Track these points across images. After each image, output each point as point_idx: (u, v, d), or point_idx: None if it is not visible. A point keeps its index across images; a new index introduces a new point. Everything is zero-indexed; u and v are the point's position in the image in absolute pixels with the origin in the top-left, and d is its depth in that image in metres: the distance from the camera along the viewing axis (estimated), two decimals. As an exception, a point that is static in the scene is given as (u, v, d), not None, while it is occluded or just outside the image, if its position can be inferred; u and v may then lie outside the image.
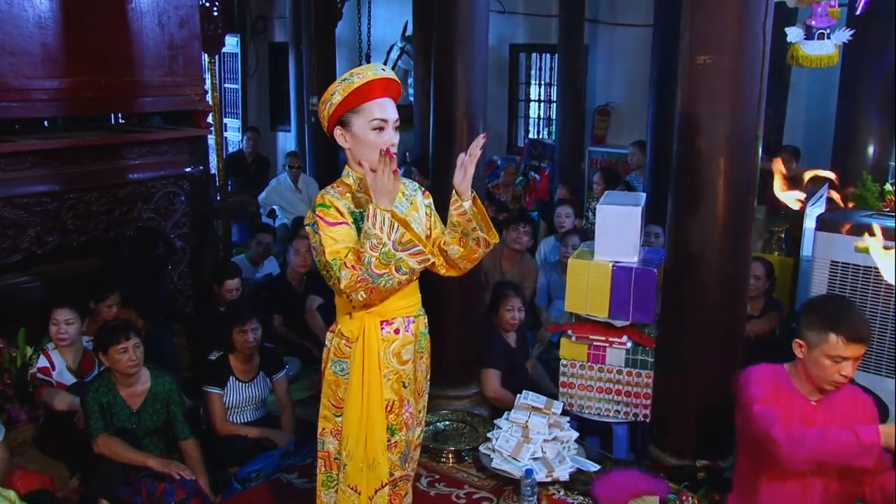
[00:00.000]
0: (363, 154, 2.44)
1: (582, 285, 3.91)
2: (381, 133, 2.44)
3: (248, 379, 4.23)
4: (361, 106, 2.43)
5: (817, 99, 7.27)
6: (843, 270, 3.89)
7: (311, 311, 5.36)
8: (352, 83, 2.41)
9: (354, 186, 2.51)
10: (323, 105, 2.47)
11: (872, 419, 2.69)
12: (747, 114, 3.35)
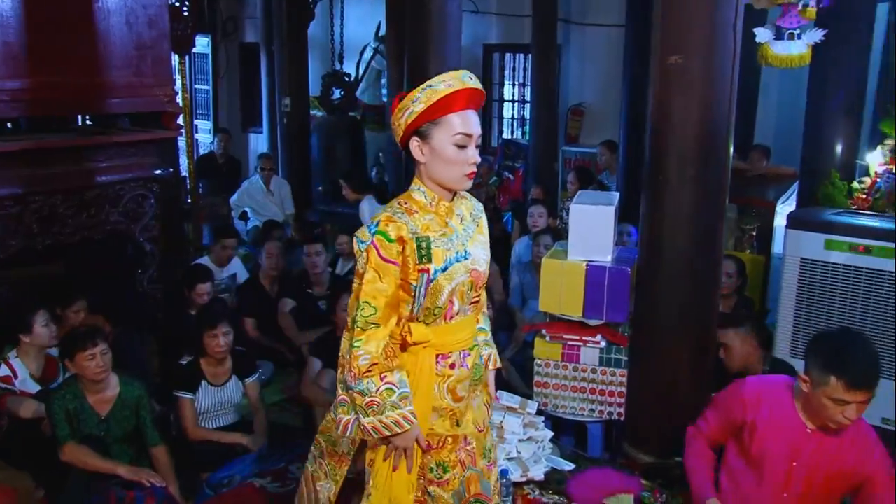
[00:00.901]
0: (440, 171, 2.24)
1: (556, 285, 3.92)
2: (464, 150, 2.22)
3: (219, 383, 4.19)
4: (444, 117, 2.20)
5: (787, 98, 7.35)
6: (812, 268, 3.93)
7: (284, 315, 5.32)
8: (437, 91, 2.17)
9: (424, 202, 2.28)
10: (400, 112, 2.22)
11: (870, 450, 2.64)
12: (719, 113, 3.37)
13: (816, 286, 3.93)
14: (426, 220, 2.26)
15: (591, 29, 8.68)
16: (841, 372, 2.48)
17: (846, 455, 2.63)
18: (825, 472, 2.66)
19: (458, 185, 2.28)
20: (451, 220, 2.31)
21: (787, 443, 2.70)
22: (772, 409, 2.73)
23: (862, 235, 3.79)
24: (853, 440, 2.64)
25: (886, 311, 3.73)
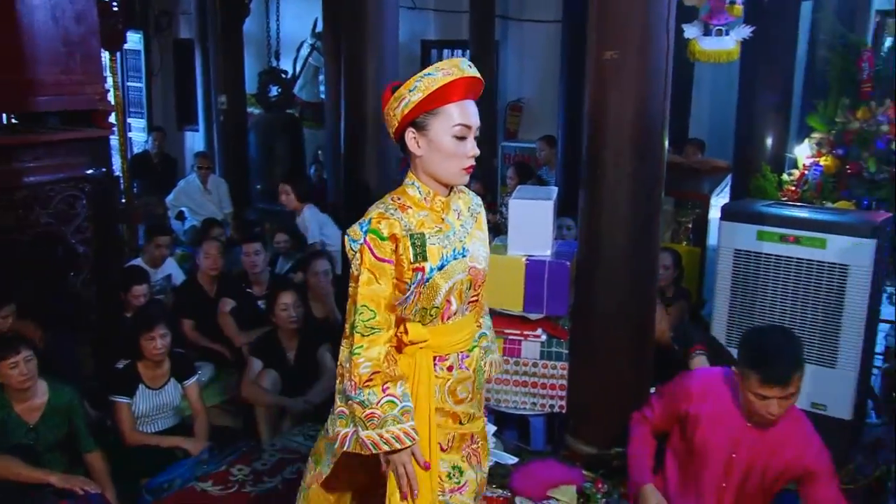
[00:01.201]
0: (436, 165, 2.13)
1: (496, 280, 3.91)
2: (463, 143, 2.11)
3: (157, 386, 4.11)
4: (442, 108, 2.09)
5: (720, 94, 7.52)
6: (745, 258, 4.02)
7: (224, 315, 5.23)
8: (435, 79, 2.05)
9: (418, 198, 2.18)
10: (395, 102, 2.10)
11: (807, 444, 2.70)
12: (653, 107, 3.43)
13: (750, 276, 4.02)
14: (421, 216, 2.16)
15: (529, 25, 8.75)
16: (757, 367, 2.56)
17: (784, 449, 2.69)
18: (763, 465, 2.72)
19: (456, 179, 2.18)
20: (447, 216, 2.22)
21: (728, 436, 2.75)
22: (715, 403, 2.78)
23: (792, 226, 3.89)
24: (791, 434, 2.70)
25: (816, 298, 3.84)
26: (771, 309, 3.97)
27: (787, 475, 2.72)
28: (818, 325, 3.85)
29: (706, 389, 2.82)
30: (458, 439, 2.31)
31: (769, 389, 2.55)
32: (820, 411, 3.88)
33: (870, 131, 4.69)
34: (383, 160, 4.38)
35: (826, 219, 3.89)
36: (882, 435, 4.18)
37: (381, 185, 4.37)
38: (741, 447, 2.74)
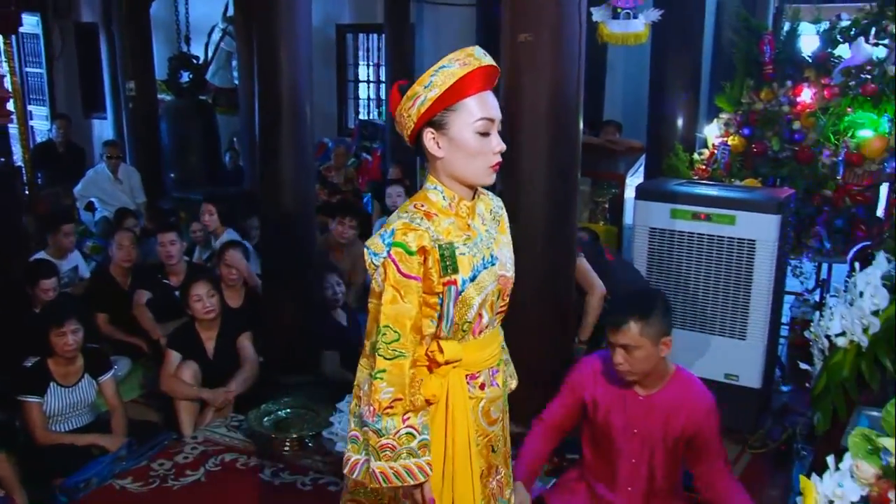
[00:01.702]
0: (461, 165, 1.93)
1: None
2: (487, 138, 1.92)
3: (70, 383, 3.97)
4: (462, 102, 1.89)
5: (633, 76, 7.69)
6: (660, 236, 4.13)
7: (140, 307, 5.11)
8: (452, 72, 1.86)
9: (443, 204, 1.97)
10: (409, 101, 1.89)
11: (697, 406, 2.76)
12: (568, 89, 3.49)
13: (664, 253, 4.13)
14: (446, 224, 1.95)
15: (444, 8, 8.77)
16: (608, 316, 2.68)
17: (678, 413, 2.75)
18: (662, 434, 2.78)
19: (483, 179, 1.97)
20: (473, 222, 2.01)
21: (625, 412, 2.81)
22: (608, 382, 2.84)
23: (703, 204, 4.01)
24: (681, 398, 2.77)
25: (727, 273, 3.98)
26: (685, 284, 4.10)
27: (684, 438, 2.78)
28: (729, 299, 4.00)
29: (596, 371, 2.87)
30: (485, 473, 2.12)
31: (610, 334, 2.66)
32: (732, 381, 4.04)
33: (773, 111, 4.88)
34: (299, 146, 4.33)
35: (734, 196, 4.03)
36: (789, 401, 4.38)
37: (297, 170, 4.33)
38: (639, 421, 2.80)
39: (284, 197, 4.32)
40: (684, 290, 4.11)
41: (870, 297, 2.74)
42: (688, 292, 4.10)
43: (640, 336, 2.61)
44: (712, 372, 4.08)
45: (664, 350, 2.67)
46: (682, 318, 4.13)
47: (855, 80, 4.65)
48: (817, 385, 2.86)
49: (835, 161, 4.67)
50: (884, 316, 2.70)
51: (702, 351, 4.09)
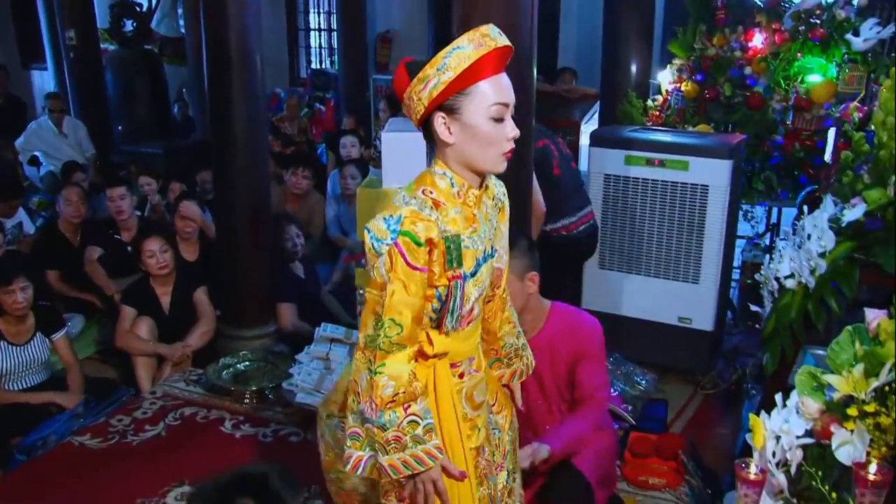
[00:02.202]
0: (473, 152, 1.83)
1: (372, 214, 3.91)
2: (502, 124, 1.82)
3: (22, 342, 3.92)
4: (475, 85, 1.78)
5: (586, 22, 7.66)
6: (615, 182, 4.17)
7: (92, 262, 5.02)
8: (466, 54, 1.74)
9: (451, 192, 1.86)
10: (420, 84, 1.78)
11: (589, 335, 2.74)
12: (521, 36, 3.45)
13: (619, 199, 4.17)
14: (453, 213, 1.85)
15: (397, -47, 8.61)
16: None
17: (562, 346, 2.74)
18: (552, 372, 2.79)
19: (496, 167, 1.88)
20: (478, 212, 1.92)
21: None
22: None
23: (656, 150, 4.05)
24: (564, 331, 2.74)
25: (680, 218, 4.04)
26: (640, 230, 4.16)
27: (572, 365, 2.77)
28: (682, 244, 4.07)
29: None
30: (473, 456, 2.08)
31: None
32: (686, 324, 4.13)
33: (725, 57, 4.91)
34: (250, 97, 4.25)
35: (687, 142, 4.08)
36: (739, 343, 4.50)
37: (249, 122, 4.26)
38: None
39: (236, 149, 4.25)
40: (639, 236, 4.17)
41: (817, 239, 2.81)
42: (642, 237, 4.16)
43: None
44: (666, 315, 4.17)
45: (531, 286, 2.64)
46: (636, 263, 4.20)
47: (804, 25, 4.69)
48: (767, 326, 2.93)
49: (785, 106, 4.73)
50: (830, 257, 2.77)
51: (655, 295, 4.17)
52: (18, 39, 10.76)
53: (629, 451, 3.36)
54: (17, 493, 3.27)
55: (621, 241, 4.21)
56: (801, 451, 2.06)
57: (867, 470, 1.81)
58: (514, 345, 2.22)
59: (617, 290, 4.28)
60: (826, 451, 2.00)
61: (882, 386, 1.93)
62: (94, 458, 3.51)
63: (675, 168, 4.00)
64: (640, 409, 3.78)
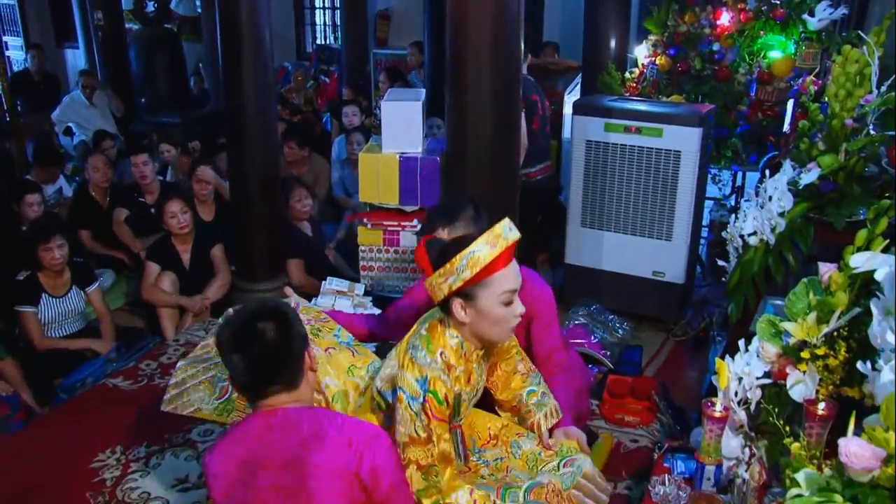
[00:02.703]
0: (485, 329, 1.98)
1: (373, 177, 3.91)
2: (511, 306, 1.96)
3: (60, 294, 3.93)
4: (489, 278, 1.91)
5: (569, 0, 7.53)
6: (595, 148, 4.13)
7: (119, 223, 5.01)
8: (483, 256, 1.87)
9: (459, 353, 2.01)
10: (441, 279, 1.91)
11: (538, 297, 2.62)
12: (509, 12, 3.39)
13: (599, 164, 4.13)
14: (459, 372, 2.01)
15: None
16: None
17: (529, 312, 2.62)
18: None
19: (503, 339, 2.07)
20: (476, 366, 2.10)
21: None
22: None
23: (634, 118, 4.00)
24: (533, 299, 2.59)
25: (655, 181, 4.00)
26: (618, 192, 4.12)
27: (525, 325, 2.67)
28: (657, 205, 4.04)
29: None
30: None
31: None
32: (659, 278, 4.13)
33: (695, 34, 4.83)
34: (260, 70, 4.20)
35: (662, 111, 4.02)
36: (707, 294, 4.50)
37: (259, 93, 4.21)
38: None
39: (248, 118, 4.21)
40: (617, 197, 4.14)
41: (777, 200, 2.79)
42: (620, 198, 4.13)
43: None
44: (642, 269, 4.16)
45: None
46: (615, 222, 4.18)
47: (766, 5, 4.64)
48: (732, 279, 2.93)
49: (749, 79, 4.68)
50: (789, 216, 2.76)
51: (633, 251, 4.16)
52: (53, 21, 10.60)
53: (608, 392, 3.37)
54: (61, 427, 3.30)
55: (601, 201, 4.19)
56: (759, 390, 2.08)
57: (816, 406, 1.82)
58: (528, 402, 2.31)
59: (597, 246, 4.27)
60: (781, 391, 2.01)
61: (831, 332, 1.94)
62: (126, 398, 3.52)
63: (650, 135, 3.96)
64: (618, 355, 3.80)
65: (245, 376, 1.71)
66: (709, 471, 2.10)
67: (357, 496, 1.69)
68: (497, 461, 2.24)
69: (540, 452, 2.24)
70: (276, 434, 1.71)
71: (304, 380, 1.77)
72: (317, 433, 1.70)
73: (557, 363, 2.64)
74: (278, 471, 1.69)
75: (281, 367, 1.71)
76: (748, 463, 1.98)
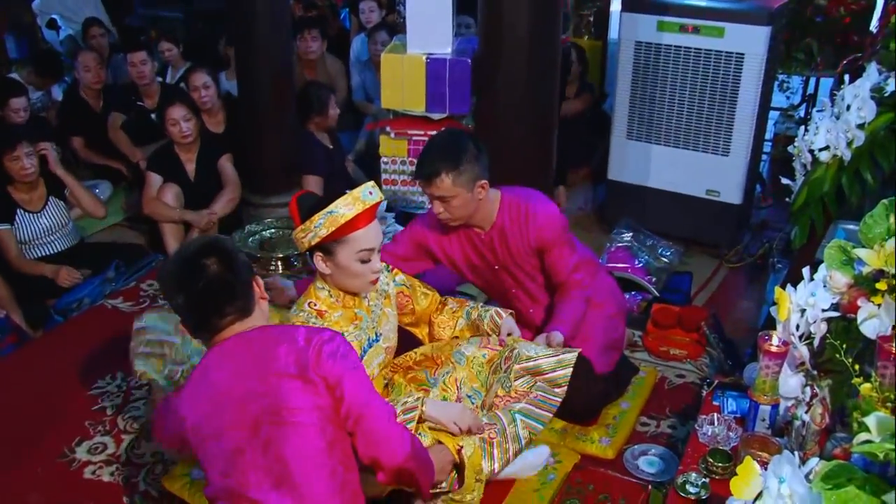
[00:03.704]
0: (344, 281, 2.31)
1: (397, 80, 3.86)
2: (368, 263, 2.28)
3: (37, 209, 3.95)
4: (347, 236, 2.23)
5: None
6: (646, 50, 4.02)
7: (116, 129, 5.00)
8: (339, 216, 2.19)
9: (331, 301, 2.35)
10: (302, 233, 2.24)
11: (536, 224, 2.68)
12: None
13: (650, 68, 4.03)
14: (336, 317, 2.33)
15: None
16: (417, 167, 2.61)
17: (519, 234, 2.71)
18: (516, 259, 2.76)
19: (363, 290, 2.37)
20: (359, 309, 2.38)
21: (477, 252, 2.78)
22: (451, 233, 2.79)
23: (691, 16, 3.86)
24: (516, 219, 2.70)
25: (713, 88, 3.90)
26: (670, 100, 4.04)
27: (536, 252, 2.75)
28: (714, 115, 3.95)
29: (437, 231, 2.81)
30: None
31: (423, 186, 2.60)
32: (713, 197, 4.07)
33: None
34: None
35: (724, 7, 3.88)
36: (767, 217, 4.45)
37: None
38: (492, 256, 2.78)
39: (257, 13, 4.12)
40: (668, 106, 4.05)
41: (857, 109, 2.71)
42: (672, 107, 4.04)
43: (453, 186, 2.54)
44: (693, 188, 4.11)
45: (481, 193, 2.59)
46: (664, 134, 4.10)
47: None
48: (797, 200, 2.88)
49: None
50: (869, 128, 2.68)
51: (683, 167, 4.10)
52: None
53: (652, 322, 3.38)
54: (56, 352, 3.38)
55: (650, 111, 4.10)
56: (825, 324, 2.06)
57: (891, 343, 1.80)
58: (472, 316, 2.65)
59: (644, 161, 4.20)
60: (851, 325, 2.00)
61: (914, 260, 1.90)
62: (126, 320, 3.55)
63: (709, 35, 3.84)
64: (664, 282, 3.79)
65: (195, 314, 1.85)
66: (763, 411, 2.10)
67: (323, 402, 1.80)
68: (446, 375, 2.48)
69: (483, 354, 2.53)
70: (232, 357, 1.84)
71: (258, 307, 1.91)
72: (270, 343, 1.82)
73: (575, 284, 2.74)
74: (239, 389, 1.80)
75: (230, 296, 1.83)
76: (809, 404, 1.97)
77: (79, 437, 2.86)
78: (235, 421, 1.80)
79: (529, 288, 2.85)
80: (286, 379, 1.79)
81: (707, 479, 2.05)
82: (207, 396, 1.84)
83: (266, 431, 1.78)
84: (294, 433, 1.78)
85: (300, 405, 1.78)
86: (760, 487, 1.50)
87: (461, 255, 2.82)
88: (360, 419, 1.83)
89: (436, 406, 2.27)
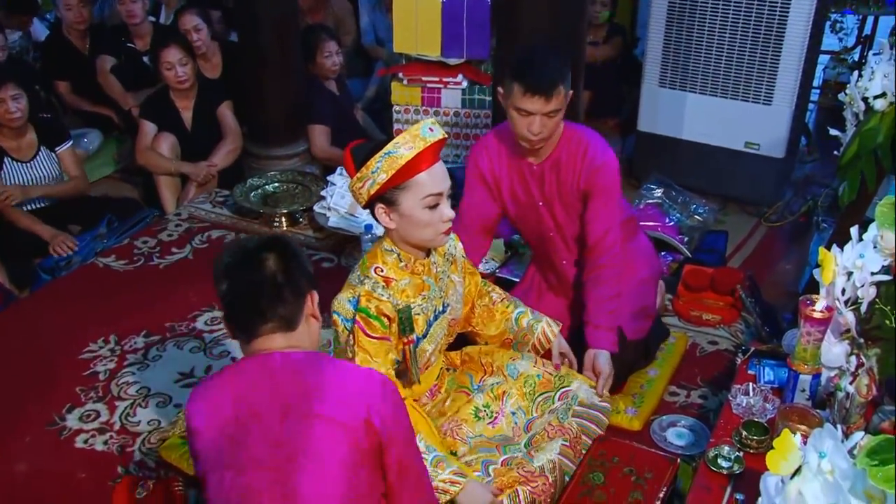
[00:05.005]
0: (413, 234, 2.20)
1: (410, 22, 3.84)
2: (437, 210, 2.16)
3: (26, 158, 3.96)
4: (410, 180, 2.11)
5: None
6: (682, -10, 3.97)
7: (105, 73, 4.97)
8: (398, 157, 2.07)
9: (399, 266, 2.25)
10: (360, 182, 2.13)
11: (593, 169, 2.64)
12: None
13: (686, 10, 3.98)
14: (403, 284, 2.25)
15: None
16: (520, 77, 2.50)
17: (571, 171, 2.68)
18: (564, 198, 2.74)
19: (436, 244, 2.28)
20: (427, 277, 2.31)
21: (524, 185, 2.76)
22: (505, 160, 2.77)
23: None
24: (572, 155, 2.68)
25: (756, 31, 3.85)
26: (707, 44, 3.99)
27: (581, 196, 2.72)
28: (756, 60, 3.91)
29: (491, 152, 2.78)
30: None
31: (531, 101, 2.49)
32: (753, 150, 4.05)
33: None
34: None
35: (770, -62, 3.82)
36: (812, 171, 4.42)
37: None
38: (539, 191, 2.76)
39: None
40: (706, 50, 4.01)
41: (920, 50, 2.67)
42: (710, 52, 4.00)
43: (565, 98, 2.52)
44: (731, 140, 4.10)
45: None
46: (700, 81, 4.07)
47: None
48: (847, 152, 2.84)
49: None
50: (932, 73, 2.64)
51: (721, 117, 4.07)
52: None
53: (683, 284, 3.37)
54: (44, 313, 3.40)
55: (685, 55, 4.06)
56: (874, 288, 2.05)
57: (947, 310, 1.79)
58: (520, 324, 2.61)
59: (677, 110, 4.18)
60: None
61: (974, 220, 1.88)
62: (119, 279, 3.62)
63: (753, -29, 3.78)
64: (698, 241, 3.78)
65: (235, 307, 1.79)
66: (803, 381, 2.10)
67: (362, 446, 1.70)
68: (494, 385, 2.50)
69: (538, 375, 2.52)
70: (272, 380, 1.73)
71: (305, 325, 1.82)
72: (320, 380, 1.73)
73: (606, 248, 2.70)
74: (273, 422, 1.70)
75: (278, 301, 1.76)
76: (854, 374, 1.97)
77: (69, 403, 2.89)
78: (265, 458, 1.69)
79: (567, 234, 2.83)
80: (328, 422, 1.68)
81: (741, 453, 2.05)
82: (235, 417, 1.72)
83: (291, 480, 1.67)
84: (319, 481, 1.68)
85: (333, 450, 1.68)
86: (799, 462, 1.50)
87: (508, 186, 2.80)
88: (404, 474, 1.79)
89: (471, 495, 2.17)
